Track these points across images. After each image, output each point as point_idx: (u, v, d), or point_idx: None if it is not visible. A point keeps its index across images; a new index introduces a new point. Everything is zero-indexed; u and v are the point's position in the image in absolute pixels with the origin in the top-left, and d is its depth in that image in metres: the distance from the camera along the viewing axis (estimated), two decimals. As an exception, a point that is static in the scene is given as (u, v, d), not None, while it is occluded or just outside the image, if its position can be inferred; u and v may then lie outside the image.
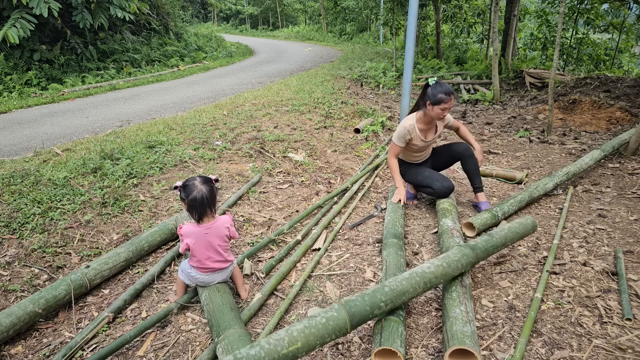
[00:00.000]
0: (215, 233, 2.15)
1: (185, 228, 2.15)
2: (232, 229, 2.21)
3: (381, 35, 19.81)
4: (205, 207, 2.09)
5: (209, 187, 2.11)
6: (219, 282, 2.28)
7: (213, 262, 2.20)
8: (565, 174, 3.75)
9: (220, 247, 2.20)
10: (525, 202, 3.39)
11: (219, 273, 2.25)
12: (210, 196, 2.09)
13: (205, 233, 2.13)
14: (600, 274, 2.52)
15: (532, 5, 14.99)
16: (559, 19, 5.56)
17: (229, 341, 1.83)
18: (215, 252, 2.19)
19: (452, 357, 1.83)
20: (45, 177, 3.54)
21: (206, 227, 2.13)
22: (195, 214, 2.12)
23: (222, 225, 2.17)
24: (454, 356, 1.83)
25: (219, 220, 2.18)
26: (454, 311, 2.00)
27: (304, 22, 32.78)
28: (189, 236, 2.14)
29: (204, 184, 2.09)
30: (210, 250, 2.17)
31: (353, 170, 4.60)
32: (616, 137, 4.50)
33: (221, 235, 2.16)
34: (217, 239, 2.16)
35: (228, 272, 2.30)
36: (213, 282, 2.26)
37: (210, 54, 15.44)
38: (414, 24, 4.40)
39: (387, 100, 8.21)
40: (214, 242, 2.16)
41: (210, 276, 2.23)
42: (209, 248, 2.16)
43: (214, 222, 2.16)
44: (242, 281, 2.42)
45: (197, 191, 2.07)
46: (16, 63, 9.17)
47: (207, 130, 5.09)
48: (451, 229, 2.82)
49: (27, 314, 2.15)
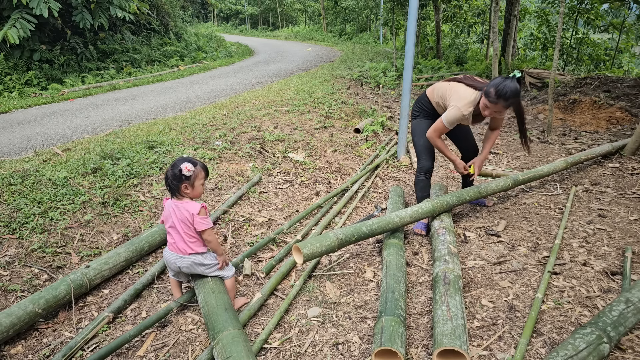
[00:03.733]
0: (178, 214, 2.11)
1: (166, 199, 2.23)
2: (197, 218, 2.09)
3: (381, 35, 19.81)
4: (167, 185, 2.13)
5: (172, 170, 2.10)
6: (181, 271, 2.22)
7: (173, 241, 2.17)
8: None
9: (182, 231, 2.14)
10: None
11: (179, 259, 2.17)
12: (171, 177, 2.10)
13: (172, 208, 2.14)
14: (600, 274, 2.52)
15: (532, 5, 14.99)
16: (559, 19, 5.56)
17: (222, 344, 1.83)
18: (177, 232, 2.15)
19: (442, 357, 1.84)
20: (45, 177, 3.54)
21: (174, 203, 2.13)
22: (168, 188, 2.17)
23: (186, 210, 2.10)
24: (443, 356, 1.84)
25: (189, 204, 2.12)
26: (436, 314, 2.06)
27: (304, 22, 32.76)
28: (166, 202, 2.20)
29: (172, 167, 2.10)
30: (172, 228, 2.16)
31: (353, 170, 4.60)
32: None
33: (183, 218, 2.10)
34: (178, 221, 2.12)
35: (190, 262, 2.17)
36: (174, 265, 2.20)
37: (210, 54, 15.43)
38: (414, 24, 4.39)
39: (387, 100, 8.21)
40: (176, 222, 2.13)
41: (172, 255, 2.18)
42: (173, 225, 2.15)
43: (181, 203, 2.12)
44: (233, 294, 2.33)
45: (170, 167, 2.11)
46: (16, 63, 9.16)
47: (207, 130, 5.08)
48: (437, 229, 2.89)
49: (27, 314, 2.15)
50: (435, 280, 2.36)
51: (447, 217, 3.03)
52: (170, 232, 2.18)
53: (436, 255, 2.60)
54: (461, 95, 2.79)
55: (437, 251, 2.62)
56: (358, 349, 2.05)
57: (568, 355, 1.74)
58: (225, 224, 3.28)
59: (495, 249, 2.87)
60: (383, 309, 2.09)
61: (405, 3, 10.65)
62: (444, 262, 2.45)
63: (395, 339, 1.88)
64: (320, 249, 2.45)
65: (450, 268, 2.38)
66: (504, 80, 2.58)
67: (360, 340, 2.10)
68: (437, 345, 1.85)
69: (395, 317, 2.01)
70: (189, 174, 2.06)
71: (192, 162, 2.09)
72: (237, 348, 1.80)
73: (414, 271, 2.70)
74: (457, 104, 2.77)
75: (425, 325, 2.20)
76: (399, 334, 1.92)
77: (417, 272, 2.70)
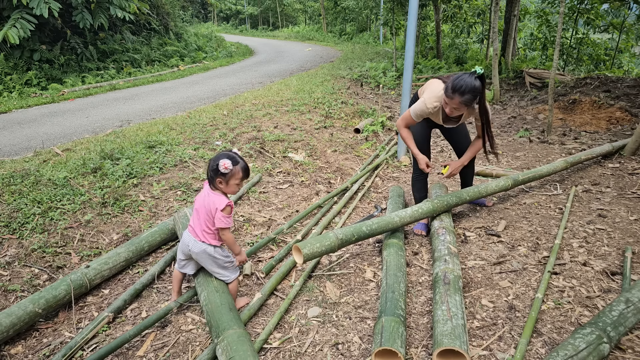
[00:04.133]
0: (206, 202, 2.13)
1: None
2: (219, 214, 2.09)
3: (381, 35, 19.80)
4: (207, 173, 2.14)
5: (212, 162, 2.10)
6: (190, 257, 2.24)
7: (193, 224, 2.20)
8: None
9: (203, 219, 2.14)
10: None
11: (193, 242, 2.17)
12: (211, 169, 2.11)
13: (204, 193, 2.16)
14: (600, 274, 2.52)
15: (532, 5, 14.98)
16: (559, 19, 5.56)
17: (227, 342, 1.83)
18: (198, 217, 2.16)
19: (442, 357, 1.84)
20: (45, 177, 3.54)
21: (207, 192, 2.15)
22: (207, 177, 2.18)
23: (213, 202, 2.11)
24: (443, 356, 1.84)
25: (218, 197, 2.12)
26: (436, 314, 2.06)
27: (304, 22, 32.75)
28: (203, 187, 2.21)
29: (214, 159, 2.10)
30: (196, 211, 2.18)
31: (353, 170, 4.60)
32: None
33: (208, 208, 2.12)
34: (204, 208, 2.14)
35: (201, 250, 2.17)
36: (186, 247, 2.20)
37: (210, 54, 15.43)
38: (414, 24, 4.39)
39: (387, 100, 8.21)
40: (201, 208, 2.15)
41: (188, 236, 2.19)
42: (198, 209, 2.17)
43: (213, 194, 2.13)
44: (235, 295, 2.33)
45: (212, 159, 2.12)
46: (16, 63, 9.16)
47: (207, 130, 5.08)
48: (437, 229, 2.90)
49: (27, 314, 2.15)
50: (435, 280, 2.36)
51: (447, 217, 3.03)
52: (195, 214, 2.19)
53: (436, 255, 2.60)
54: (431, 90, 2.81)
55: (437, 251, 2.62)
56: (358, 349, 2.05)
57: (568, 355, 1.74)
58: (225, 224, 3.28)
59: (495, 249, 2.87)
60: (383, 309, 2.09)
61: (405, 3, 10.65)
62: (444, 262, 2.45)
63: (395, 339, 1.88)
64: (320, 249, 2.45)
65: (450, 268, 2.38)
66: (462, 75, 2.53)
67: (360, 340, 2.10)
68: (437, 345, 1.85)
69: (395, 317, 2.01)
70: (225, 171, 2.06)
71: (233, 160, 2.08)
72: (242, 347, 1.80)
73: (414, 271, 2.70)
74: (424, 97, 2.80)
75: (425, 325, 2.20)
76: (399, 334, 1.92)
77: (417, 272, 2.70)
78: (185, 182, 3.74)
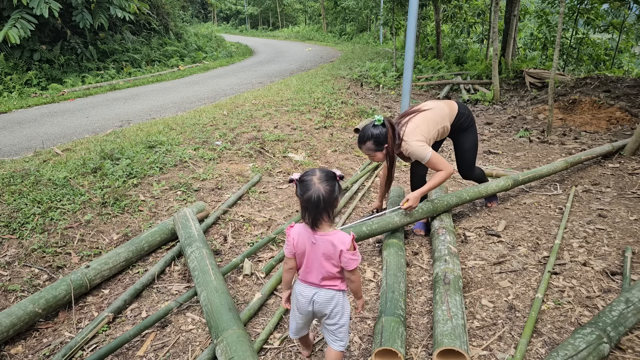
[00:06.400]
0: (322, 248, 1.64)
1: (295, 227, 1.72)
2: (347, 255, 1.61)
3: (381, 35, 19.80)
4: (320, 211, 1.60)
5: (329, 187, 1.60)
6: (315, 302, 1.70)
7: (312, 276, 1.70)
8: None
9: (325, 267, 1.66)
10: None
11: (317, 292, 1.69)
12: (329, 198, 1.59)
13: (313, 242, 1.65)
14: (600, 274, 2.53)
15: (532, 5, 14.98)
16: (559, 19, 5.56)
17: (227, 342, 1.83)
18: (319, 266, 1.67)
19: (442, 357, 1.84)
20: (45, 177, 3.54)
21: (318, 235, 1.64)
22: (309, 219, 1.62)
23: (332, 244, 1.62)
24: (443, 356, 1.84)
25: (337, 235, 1.63)
26: (436, 314, 2.06)
27: (304, 22, 32.74)
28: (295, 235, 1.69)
29: (323, 182, 1.60)
30: (314, 262, 1.68)
31: (353, 170, 4.60)
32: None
33: (328, 254, 1.63)
34: (322, 256, 1.65)
35: (329, 299, 1.69)
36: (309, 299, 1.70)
37: (210, 54, 15.43)
38: (414, 24, 4.39)
39: (387, 100, 8.21)
40: (318, 255, 1.66)
41: (307, 288, 1.71)
42: (313, 260, 1.68)
43: (329, 234, 1.63)
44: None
45: (313, 190, 1.58)
46: (16, 63, 9.16)
47: (207, 130, 5.08)
48: (437, 229, 2.89)
49: (27, 314, 2.15)
50: (435, 280, 2.36)
51: (447, 217, 3.04)
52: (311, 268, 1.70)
53: (436, 255, 2.60)
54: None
55: (437, 251, 2.62)
56: (358, 349, 2.05)
57: (568, 355, 1.74)
58: (225, 224, 3.28)
59: (495, 249, 2.87)
60: (383, 309, 2.09)
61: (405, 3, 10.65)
62: (444, 262, 2.45)
63: (395, 339, 1.88)
64: (320, 249, 2.44)
65: (451, 268, 2.38)
66: (366, 126, 2.71)
67: (360, 340, 2.10)
68: (437, 345, 1.85)
69: (395, 317, 2.01)
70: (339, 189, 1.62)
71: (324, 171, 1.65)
72: (242, 347, 1.80)
73: (414, 271, 2.70)
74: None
75: (425, 325, 2.20)
76: (399, 334, 1.92)
77: (417, 272, 2.70)
78: (185, 182, 3.74)
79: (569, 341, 1.83)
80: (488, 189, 3.34)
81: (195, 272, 2.37)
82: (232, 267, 2.69)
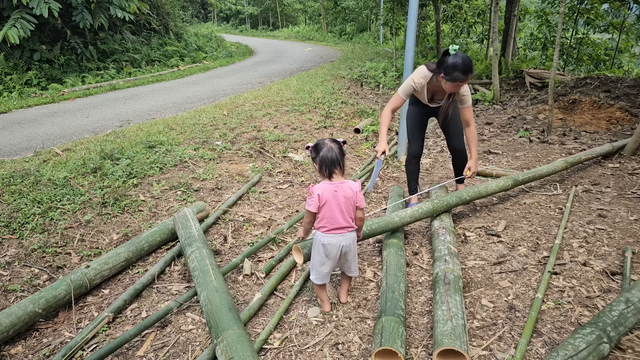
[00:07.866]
0: (342, 192, 2.14)
1: (316, 186, 2.19)
2: (360, 195, 2.18)
3: (381, 35, 19.80)
4: (335, 163, 2.14)
5: (339, 146, 2.18)
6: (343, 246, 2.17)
7: (338, 221, 2.16)
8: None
9: (345, 209, 2.16)
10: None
11: (344, 236, 2.17)
12: (340, 154, 2.16)
13: (335, 190, 2.13)
14: (600, 274, 2.52)
15: (532, 5, 14.98)
16: (559, 19, 5.56)
17: (227, 342, 1.83)
18: (341, 211, 2.15)
19: (442, 357, 1.84)
20: (45, 177, 3.54)
21: (335, 185, 2.15)
22: (326, 171, 2.17)
23: (350, 188, 2.15)
24: (444, 356, 1.84)
25: (348, 182, 2.17)
26: (436, 314, 2.06)
27: (304, 22, 32.74)
28: (320, 189, 2.15)
29: (333, 143, 2.18)
30: (336, 208, 2.14)
31: (353, 170, 4.60)
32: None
33: (348, 196, 2.14)
34: (343, 199, 2.14)
35: (352, 239, 2.21)
36: (338, 245, 2.15)
37: (210, 54, 15.43)
38: (414, 24, 4.39)
39: (387, 101, 8.21)
40: (340, 201, 2.14)
41: (335, 237, 2.15)
42: (336, 206, 2.15)
43: (342, 182, 2.16)
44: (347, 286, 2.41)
45: (327, 149, 2.15)
46: (16, 63, 9.17)
47: (207, 130, 5.08)
48: (437, 229, 2.90)
49: (27, 314, 2.15)
50: (435, 280, 2.36)
51: (447, 217, 3.04)
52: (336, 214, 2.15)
53: (436, 255, 2.60)
54: (418, 70, 3.03)
55: (437, 251, 2.62)
56: (358, 349, 2.05)
57: (568, 355, 1.74)
58: (225, 224, 3.28)
59: (495, 249, 2.87)
60: (383, 309, 2.09)
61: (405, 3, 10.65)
62: (444, 262, 2.45)
63: (395, 339, 1.87)
64: (320, 249, 2.44)
65: (451, 268, 2.38)
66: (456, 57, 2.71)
67: (360, 340, 2.10)
68: (437, 345, 1.85)
69: (395, 317, 2.01)
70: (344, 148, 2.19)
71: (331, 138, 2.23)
72: (242, 347, 1.80)
73: (414, 271, 2.70)
74: (411, 75, 3.05)
75: (425, 325, 2.20)
76: (399, 334, 1.92)
77: (417, 272, 2.70)
78: (185, 182, 3.74)
79: (569, 341, 1.83)
80: (488, 189, 3.34)
81: (195, 272, 2.37)
82: (232, 267, 2.69)
